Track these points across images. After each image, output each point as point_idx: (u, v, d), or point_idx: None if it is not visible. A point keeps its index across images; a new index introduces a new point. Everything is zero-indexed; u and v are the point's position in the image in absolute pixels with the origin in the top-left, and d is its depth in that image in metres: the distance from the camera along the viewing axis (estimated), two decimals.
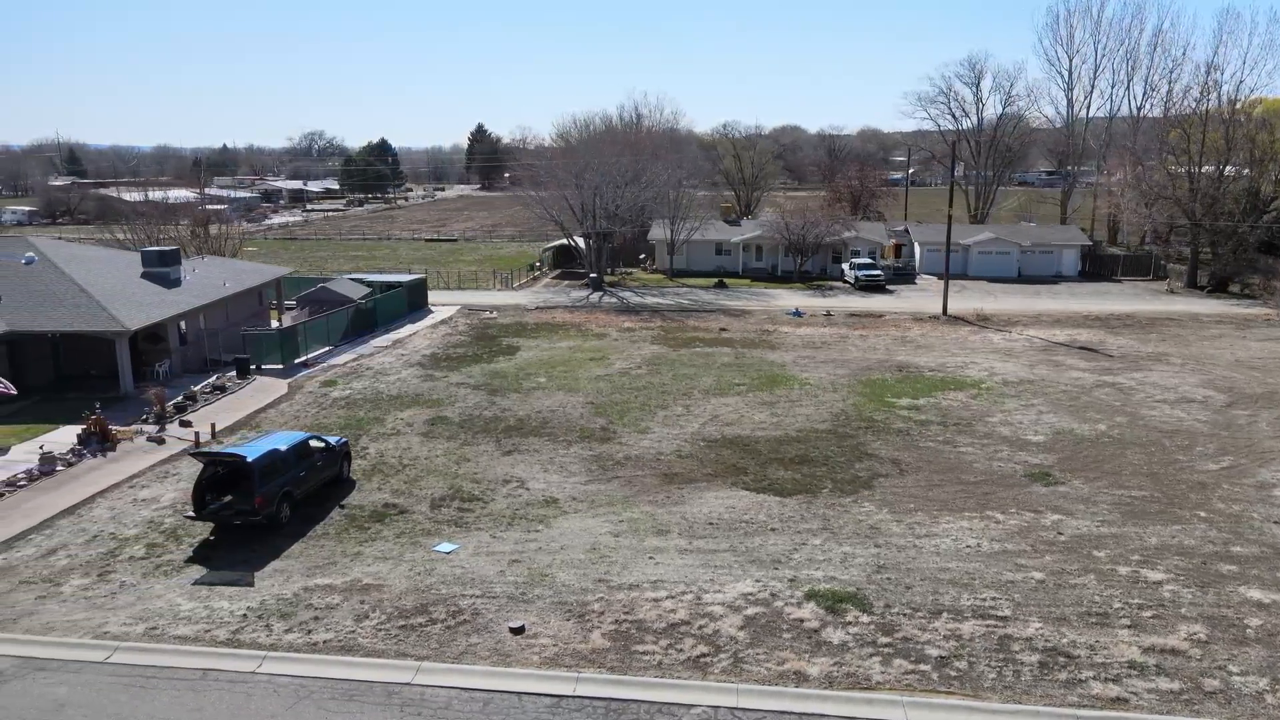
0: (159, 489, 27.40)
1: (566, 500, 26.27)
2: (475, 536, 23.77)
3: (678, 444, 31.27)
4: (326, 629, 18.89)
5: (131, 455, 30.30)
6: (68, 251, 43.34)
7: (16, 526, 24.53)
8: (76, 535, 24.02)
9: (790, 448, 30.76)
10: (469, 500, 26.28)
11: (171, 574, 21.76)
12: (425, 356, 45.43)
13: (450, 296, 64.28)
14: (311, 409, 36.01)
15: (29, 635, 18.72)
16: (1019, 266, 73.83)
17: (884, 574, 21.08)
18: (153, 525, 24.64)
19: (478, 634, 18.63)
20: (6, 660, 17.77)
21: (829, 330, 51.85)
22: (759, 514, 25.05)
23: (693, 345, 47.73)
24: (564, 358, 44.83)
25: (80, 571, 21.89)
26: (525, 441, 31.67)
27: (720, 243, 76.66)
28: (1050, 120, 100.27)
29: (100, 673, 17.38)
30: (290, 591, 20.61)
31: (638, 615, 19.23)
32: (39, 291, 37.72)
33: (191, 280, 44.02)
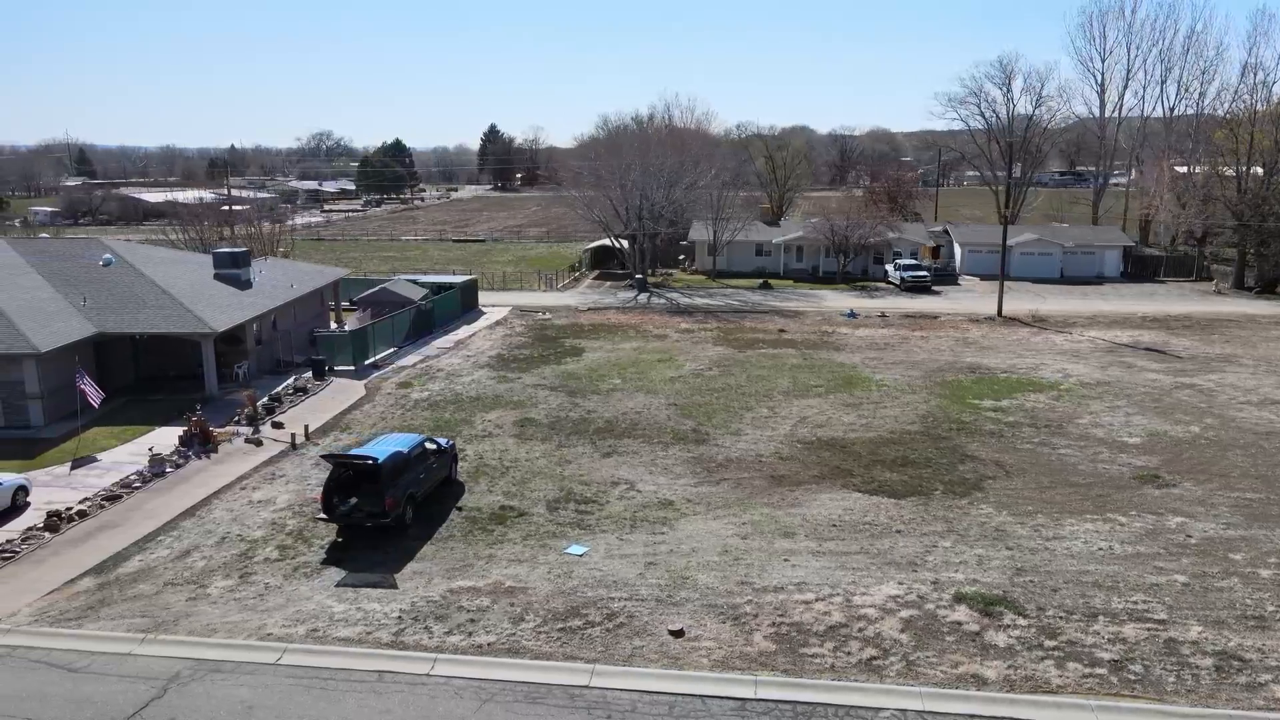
0: (270, 490, 27.49)
1: (681, 502, 26.34)
2: (602, 539, 23.84)
3: (774, 446, 31.34)
4: (486, 631, 18.96)
5: (233, 457, 30.40)
6: (143, 253, 43.48)
7: (143, 528, 24.65)
8: (204, 537, 24.13)
9: (888, 450, 30.81)
10: (584, 502, 26.35)
11: (311, 576, 21.86)
12: (492, 358, 45.51)
13: (497, 297, 64.32)
14: (395, 411, 36.09)
15: (195, 637, 18.82)
16: (1061, 267, 73.73)
17: (1025, 577, 21.13)
18: (276, 527, 24.74)
19: (638, 637, 18.70)
20: (181, 662, 17.87)
21: (888, 332, 51.87)
22: (879, 516, 25.11)
23: (756, 347, 47.78)
24: (631, 359, 44.89)
25: (221, 573, 22.00)
26: (620, 443, 31.74)
27: (761, 244, 76.68)
28: (1082, 121, 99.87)
29: (276, 674, 17.47)
30: (436, 594, 20.69)
31: (793, 618, 19.30)
32: (121, 293, 37.85)
33: (260, 282, 44.14)
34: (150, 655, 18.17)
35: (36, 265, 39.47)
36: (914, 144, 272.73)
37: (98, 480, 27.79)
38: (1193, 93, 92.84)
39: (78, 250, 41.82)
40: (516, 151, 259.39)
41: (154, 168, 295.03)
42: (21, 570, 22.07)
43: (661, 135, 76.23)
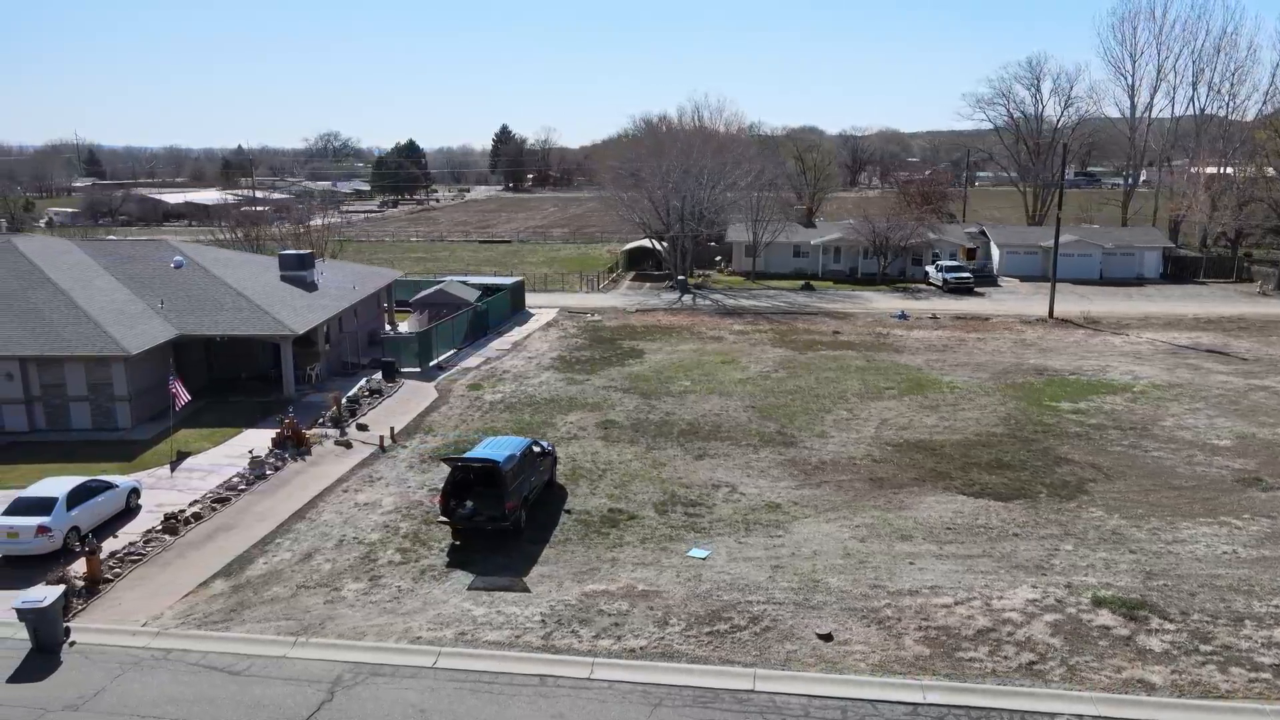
0: (373, 493, 27.53)
1: (787, 505, 26.38)
2: (719, 542, 23.87)
3: (864, 449, 31.36)
4: (634, 635, 18.99)
5: (326, 459, 30.45)
6: (211, 254, 43.56)
7: (257, 530, 24.70)
8: (321, 540, 24.17)
9: (979, 452, 30.82)
10: (690, 505, 26.39)
11: (440, 579, 21.89)
12: (554, 359, 45.54)
13: (540, 298, 64.30)
14: (473, 413, 36.13)
15: (345, 640, 18.86)
16: (1101, 269, 73.75)
17: (1158, 581, 21.12)
18: (389, 530, 24.78)
19: (788, 641, 18.72)
20: (338, 665, 17.91)
21: (943, 333, 51.87)
22: (990, 519, 25.14)
23: (815, 348, 47.79)
24: (694, 361, 44.91)
25: (349, 576, 22.04)
26: (709, 446, 31.77)
27: (798, 245, 76.67)
28: (1105, 121, 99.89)
29: (436, 678, 17.51)
30: (571, 598, 20.71)
31: (937, 621, 19.31)
32: (196, 295, 37.93)
33: (324, 283, 44.20)
34: (306, 658, 18.22)
35: (109, 267, 39.53)
36: (921, 144, 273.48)
37: (201, 482, 27.86)
38: (1224, 94, 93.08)
39: (148, 252, 41.90)
40: (528, 153, 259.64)
41: (160, 168, 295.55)
42: (151, 573, 22.12)
43: (703, 136, 76.11)
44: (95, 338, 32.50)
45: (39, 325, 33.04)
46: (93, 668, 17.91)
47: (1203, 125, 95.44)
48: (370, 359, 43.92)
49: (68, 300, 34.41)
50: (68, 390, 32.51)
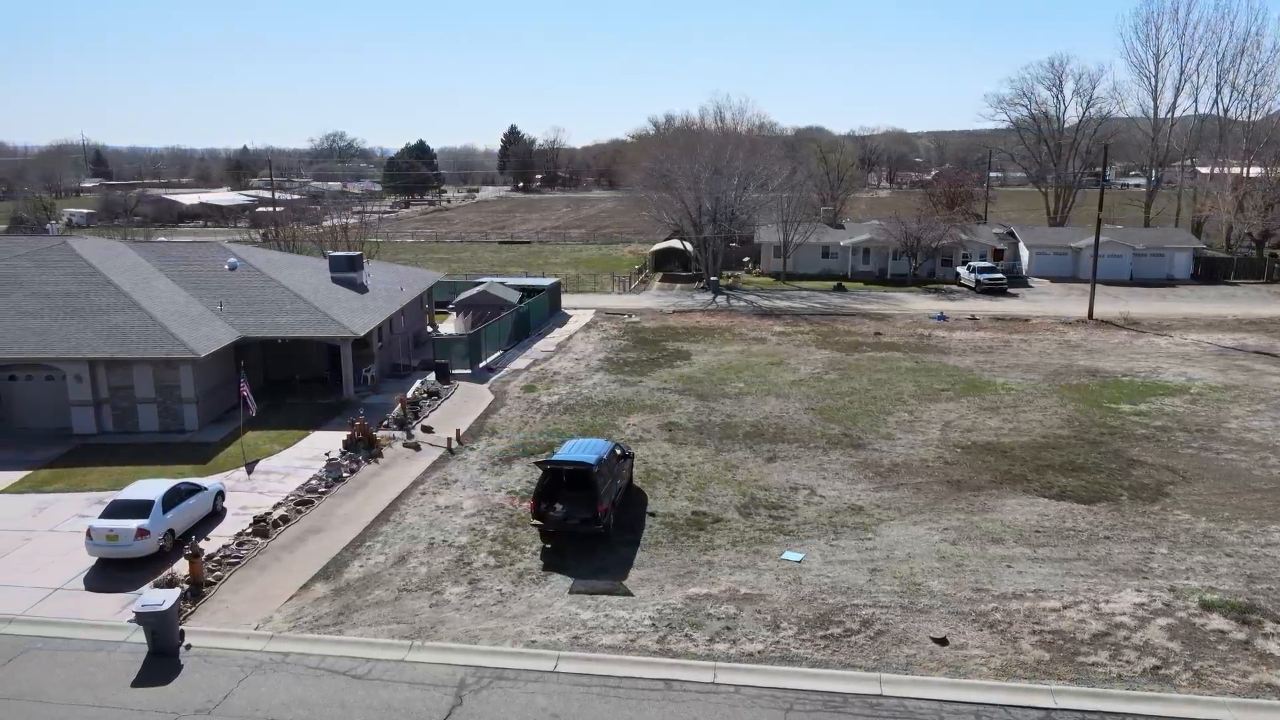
0: (451, 496, 27.53)
1: (870, 507, 26.37)
2: (810, 545, 23.87)
3: (933, 451, 31.35)
4: (749, 639, 19.00)
5: (397, 461, 30.45)
6: (263, 256, 43.56)
7: (345, 533, 24.72)
8: (410, 542, 24.17)
9: (1050, 455, 30.80)
10: (773, 508, 26.38)
11: (539, 583, 21.89)
12: (601, 361, 45.54)
13: (574, 300, 64.21)
14: (534, 415, 36.13)
15: (461, 644, 18.87)
16: (1131, 269, 73.67)
17: (1262, 584, 21.13)
18: (476, 533, 24.77)
19: (904, 644, 18.72)
20: (460, 669, 17.91)
21: (985, 335, 51.83)
22: (1078, 522, 25.13)
23: (859, 350, 47.76)
24: (742, 362, 44.90)
25: (448, 579, 22.04)
26: (777, 448, 31.76)
27: (827, 246, 76.63)
28: (1135, 122, 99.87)
29: (560, 682, 17.52)
30: (676, 601, 20.72)
31: (1049, 625, 19.31)
32: (252, 297, 37.93)
33: (373, 285, 44.18)
34: (425, 662, 18.22)
35: (164, 269, 39.56)
36: (925, 144, 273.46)
37: (279, 485, 27.86)
38: (1247, 95, 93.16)
39: (202, 254, 41.90)
40: (537, 153, 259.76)
41: (165, 169, 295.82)
42: (250, 575, 22.13)
43: (736, 137, 76.12)
44: (163, 340, 32.52)
45: (105, 328, 33.05)
46: (214, 671, 17.93)
47: (1226, 126, 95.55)
48: (419, 360, 43.93)
49: (131, 302, 34.42)
50: (135, 392, 32.52)
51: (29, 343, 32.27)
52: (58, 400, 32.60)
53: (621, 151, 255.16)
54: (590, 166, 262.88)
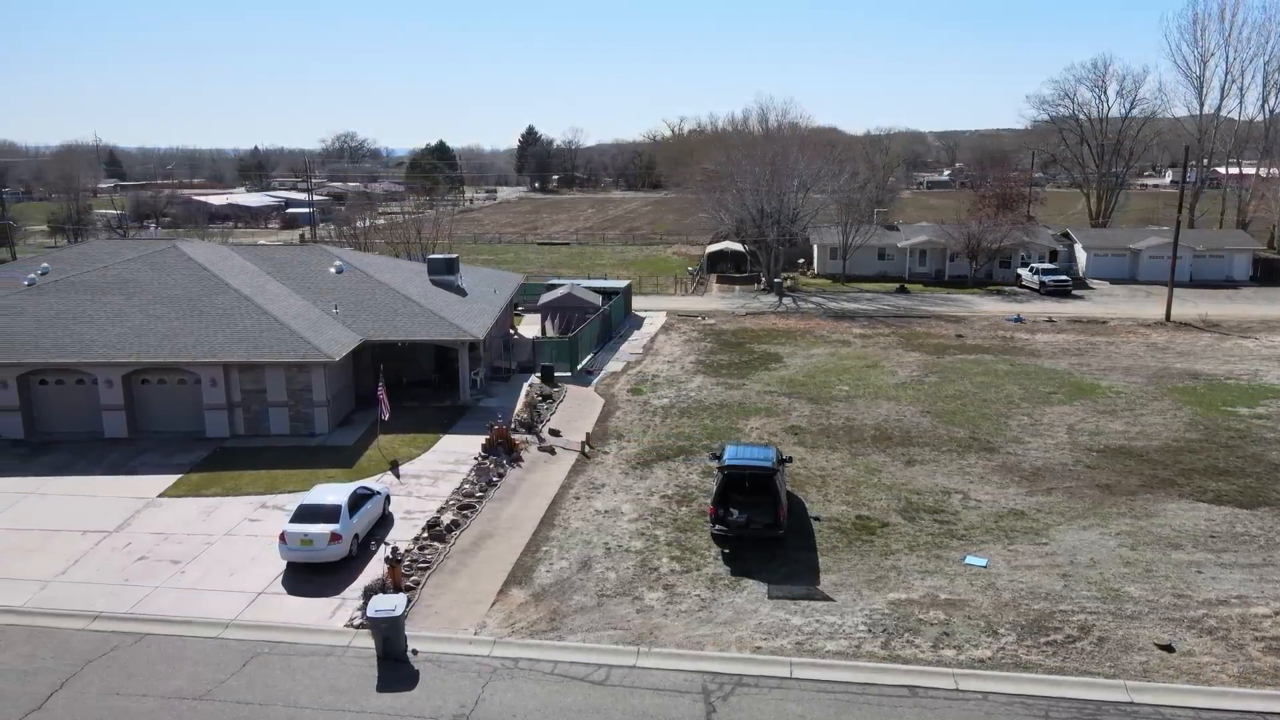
0: (606, 501, 27.55)
1: (1031, 511, 26.39)
2: (988, 550, 23.89)
3: (1070, 454, 31.35)
4: (972, 645, 19.04)
5: (538, 466, 30.49)
6: (365, 259, 43.62)
7: (516, 538, 24.75)
8: (585, 548, 24.19)
9: (1188, 459, 30.81)
10: (934, 512, 26.41)
11: (734, 588, 21.92)
12: (694, 364, 45.56)
13: (639, 302, 64.20)
14: (652, 418, 36.14)
15: (687, 650, 18.91)
16: (1191, 271, 73.58)
17: None
18: (648, 538, 24.78)
19: (1131, 651, 18.76)
20: (698, 676, 17.95)
21: (1068, 337, 51.79)
22: (1249, 527, 25.15)
23: (948, 353, 47.75)
24: (836, 365, 44.91)
25: (642, 584, 22.07)
26: (911, 452, 31.78)
27: (883, 248, 76.57)
28: (1180, 121, 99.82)
29: (802, 688, 17.56)
30: (880, 606, 20.76)
31: (1268, 632, 19.37)
32: (365, 300, 37.98)
33: (469, 287, 44.22)
34: (659, 668, 18.27)
35: (272, 272, 39.61)
36: (935, 144, 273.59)
37: (432, 488, 27.91)
38: None
39: (305, 256, 41.97)
40: (556, 153, 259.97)
41: (177, 169, 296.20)
42: (444, 580, 22.16)
43: (800, 138, 76.16)
44: (295, 343, 32.57)
45: (233, 331, 33.10)
46: (453, 676, 17.97)
47: (1270, 127, 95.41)
48: (516, 363, 43.95)
49: (254, 306, 34.47)
50: (267, 396, 32.57)
51: (162, 346, 32.31)
52: (190, 404, 32.66)
53: (641, 153, 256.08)
54: (608, 167, 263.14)
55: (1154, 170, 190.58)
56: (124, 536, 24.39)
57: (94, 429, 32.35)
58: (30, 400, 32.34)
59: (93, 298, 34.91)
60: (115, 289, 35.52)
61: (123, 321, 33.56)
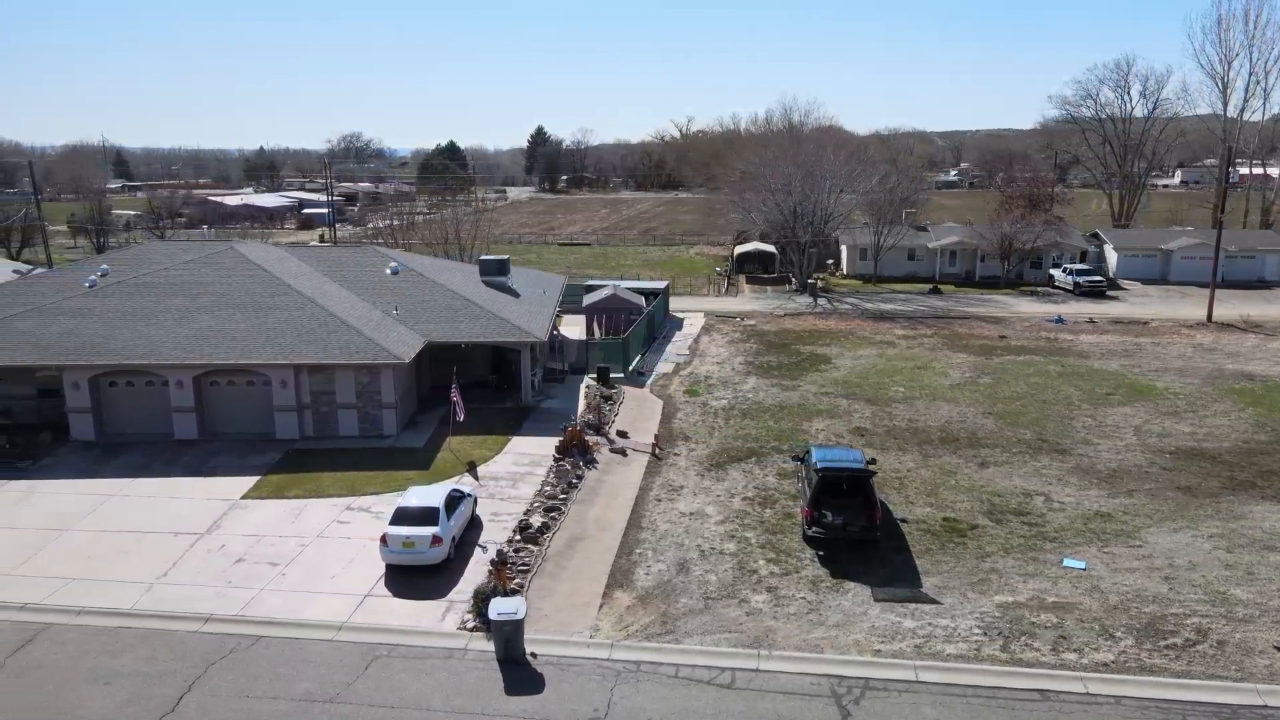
0: (688, 503, 27.50)
1: (1116, 513, 26.36)
2: (1083, 552, 23.86)
3: (1143, 456, 31.31)
4: (1091, 649, 19.03)
5: (613, 468, 30.46)
6: (417, 260, 43.61)
7: (607, 540, 24.72)
8: (677, 550, 24.16)
9: (1264, 460, 30.80)
10: (1020, 514, 26.38)
11: (836, 590, 21.89)
12: (744, 365, 45.53)
13: (673, 303, 64.19)
14: (716, 419, 36.11)
15: (808, 654, 18.89)
16: (1223, 272, 73.34)
17: None
18: (739, 540, 24.74)
19: (1253, 655, 18.76)
20: (824, 679, 17.93)
21: (1112, 338, 51.73)
22: None
23: (995, 354, 47.71)
24: (886, 366, 44.86)
25: (744, 587, 22.04)
26: (981, 453, 31.76)
27: (913, 249, 76.52)
28: (1204, 121, 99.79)
29: (930, 691, 17.55)
30: (989, 609, 20.75)
31: None
32: (423, 301, 37.95)
33: (520, 288, 44.18)
34: (784, 671, 18.26)
35: (328, 274, 39.62)
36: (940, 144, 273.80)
37: (513, 490, 27.89)
38: None
39: (359, 258, 41.95)
40: (565, 153, 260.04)
41: (182, 169, 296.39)
42: (547, 584, 22.14)
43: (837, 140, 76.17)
44: (364, 345, 32.54)
45: (301, 333, 33.06)
46: (578, 679, 17.96)
47: None
48: (564, 364, 43.89)
49: (319, 308, 34.44)
50: (337, 397, 32.56)
51: (232, 348, 32.28)
52: (259, 405, 32.63)
53: (650, 153, 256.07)
54: (617, 168, 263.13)
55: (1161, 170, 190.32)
56: (216, 538, 24.39)
57: (164, 430, 32.32)
58: (100, 402, 32.34)
59: (157, 299, 34.90)
60: (179, 290, 35.53)
61: (190, 323, 33.55)
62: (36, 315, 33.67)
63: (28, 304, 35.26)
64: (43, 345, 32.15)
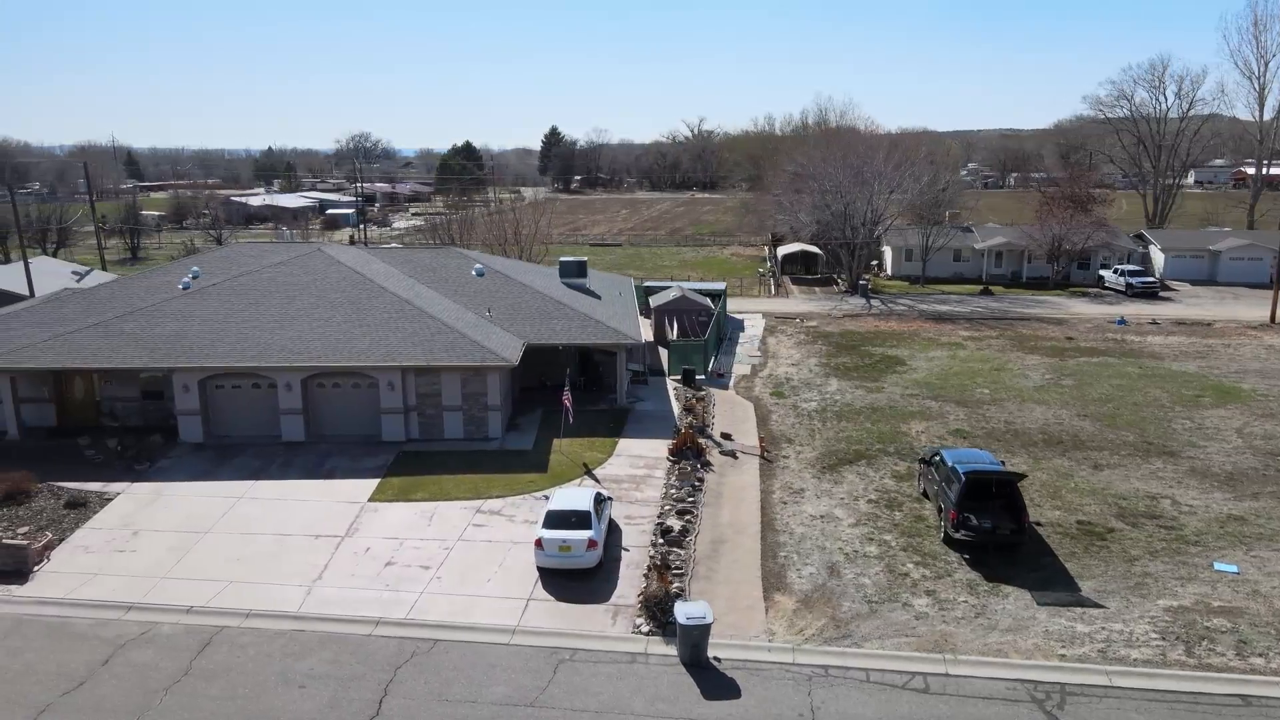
0: (815, 506, 27.45)
1: (1250, 517, 26.31)
2: (1231, 555, 23.81)
3: (1255, 459, 31.24)
4: (1276, 653, 18.95)
5: (727, 470, 30.40)
6: (499, 262, 43.58)
7: (746, 543, 24.69)
8: (822, 553, 24.11)
9: None
10: (1151, 518, 26.32)
11: (996, 594, 21.84)
12: (820, 366, 45.47)
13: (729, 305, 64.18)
14: (813, 421, 36.05)
15: (993, 658, 18.85)
16: (1270, 272, 73.40)
17: None
18: (879, 543, 24.70)
19: None
20: (1018, 684, 17.89)
21: (1181, 339, 51.66)
22: None
23: (1068, 355, 47.64)
24: (964, 368, 44.78)
25: (903, 590, 22.01)
26: (1090, 456, 31.70)
27: (958, 249, 76.54)
28: (1243, 124, 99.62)
29: (1131, 697, 17.51)
30: (1158, 613, 20.72)
31: None
32: (514, 303, 37.93)
33: (599, 290, 44.15)
34: (977, 676, 18.24)
35: (415, 275, 39.61)
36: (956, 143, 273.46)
37: (637, 493, 27.82)
38: None
39: (443, 260, 41.93)
40: (580, 153, 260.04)
41: (192, 170, 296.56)
42: (704, 588, 22.07)
43: (890, 141, 76.16)
44: (469, 347, 32.49)
45: (404, 335, 33.02)
46: (772, 684, 17.93)
47: None
48: (641, 366, 43.84)
49: (417, 310, 34.42)
50: (443, 400, 32.52)
51: (339, 350, 32.22)
52: (364, 407, 32.57)
53: (665, 153, 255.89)
54: (630, 168, 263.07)
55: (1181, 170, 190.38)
56: (359, 541, 24.35)
57: (271, 432, 32.29)
58: (207, 404, 32.32)
59: (255, 301, 34.88)
60: (274, 292, 35.51)
61: (291, 324, 33.52)
62: (141, 317, 33.65)
63: (125, 306, 35.25)
64: (152, 347, 32.13)
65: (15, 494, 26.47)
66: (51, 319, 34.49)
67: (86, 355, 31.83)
